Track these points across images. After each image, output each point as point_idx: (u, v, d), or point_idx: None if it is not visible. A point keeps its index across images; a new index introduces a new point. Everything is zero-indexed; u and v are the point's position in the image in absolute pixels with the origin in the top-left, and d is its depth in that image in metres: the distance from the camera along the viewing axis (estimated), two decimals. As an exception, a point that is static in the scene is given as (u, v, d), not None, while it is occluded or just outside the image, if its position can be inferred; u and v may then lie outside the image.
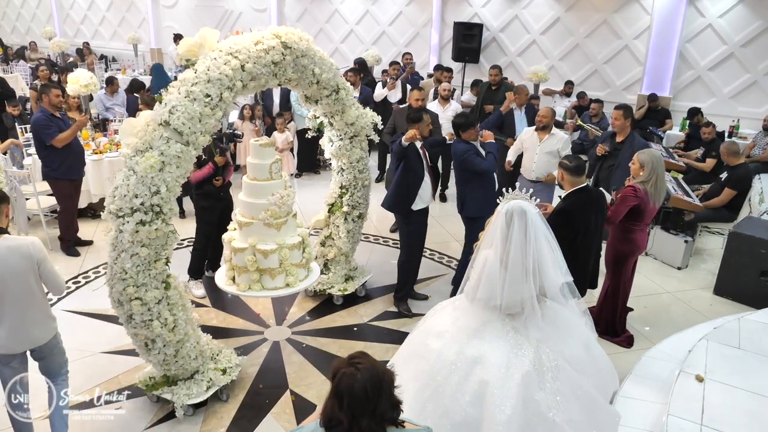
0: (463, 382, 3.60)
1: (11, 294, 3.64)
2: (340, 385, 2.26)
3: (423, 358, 3.84)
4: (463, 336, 3.77)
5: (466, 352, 3.68)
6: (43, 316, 3.84)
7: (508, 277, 3.67)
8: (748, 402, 4.04)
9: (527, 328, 3.71)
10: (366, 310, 6.12)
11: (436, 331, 3.94)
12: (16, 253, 3.61)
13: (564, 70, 12.77)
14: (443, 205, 9.11)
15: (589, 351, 3.96)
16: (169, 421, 4.45)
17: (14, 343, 3.75)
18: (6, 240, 3.63)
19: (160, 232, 3.94)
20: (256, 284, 4.96)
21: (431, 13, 14.08)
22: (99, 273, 6.66)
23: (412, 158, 5.69)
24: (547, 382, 3.56)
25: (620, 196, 5.23)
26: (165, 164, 3.86)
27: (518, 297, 3.69)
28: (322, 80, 5.09)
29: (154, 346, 4.22)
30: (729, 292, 6.54)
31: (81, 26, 20.28)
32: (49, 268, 3.74)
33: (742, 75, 10.99)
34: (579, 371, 3.71)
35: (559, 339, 3.75)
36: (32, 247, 3.65)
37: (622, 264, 5.46)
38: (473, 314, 3.84)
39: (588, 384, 3.72)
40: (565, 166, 4.98)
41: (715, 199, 7.49)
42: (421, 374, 3.74)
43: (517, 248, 3.63)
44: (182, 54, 4.22)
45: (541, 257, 3.69)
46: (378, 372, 2.29)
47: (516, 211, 3.66)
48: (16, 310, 3.68)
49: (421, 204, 5.86)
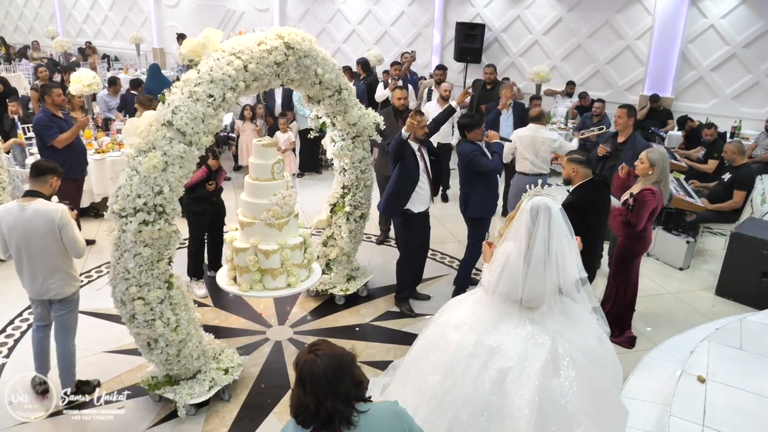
0: (482, 371, 3.64)
1: (33, 250, 4.22)
2: (302, 372, 2.34)
3: (442, 349, 3.88)
4: (481, 327, 3.82)
5: (485, 341, 3.73)
6: (62, 274, 4.34)
7: (530, 271, 3.71)
8: (749, 403, 4.05)
9: (544, 320, 3.77)
10: (368, 310, 6.13)
11: (453, 324, 3.99)
12: (42, 216, 4.16)
13: (566, 70, 12.76)
14: (444, 205, 9.10)
15: (603, 344, 3.99)
16: (171, 421, 4.46)
17: (33, 291, 4.39)
18: (38, 203, 4.20)
19: (163, 232, 3.95)
20: (258, 284, 4.96)
21: (433, 13, 14.08)
22: (102, 272, 6.68)
23: (407, 160, 5.68)
24: (562, 371, 3.60)
25: (640, 200, 5.18)
26: (168, 164, 3.87)
27: (538, 291, 3.74)
28: (324, 80, 5.09)
29: (157, 346, 4.24)
30: (731, 293, 6.54)
31: (83, 25, 20.32)
32: (70, 234, 4.21)
33: (744, 76, 10.98)
34: (594, 363, 3.74)
35: (575, 331, 3.80)
36: (56, 214, 4.17)
37: (631, 262, 5.49)
38: (492, 306, 3.89)
39: (602, 376, 3.75)
40: (578, 161, 5.06)
41: (728, 202, 7.46)
42: (441, 366, 3.79)
43: (541, 244, 3.68)
44: (185, 54, 4.23)
45: (562, 253, 3.75)
46: (336, 354, 2.39)
47: (542, 208, 3.71)
48: (36, 264, 4.27)
49: (420, 207, 5.85)
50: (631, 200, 5.25)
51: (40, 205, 4.19)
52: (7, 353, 5.22)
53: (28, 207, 4.18)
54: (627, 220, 5.20)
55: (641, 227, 5.20)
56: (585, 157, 5.08)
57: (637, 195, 5.26)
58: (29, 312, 5.78)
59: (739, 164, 7.50)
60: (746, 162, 7.67)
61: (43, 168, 4.38)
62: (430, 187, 5.88)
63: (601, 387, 3.69)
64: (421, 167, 5.76)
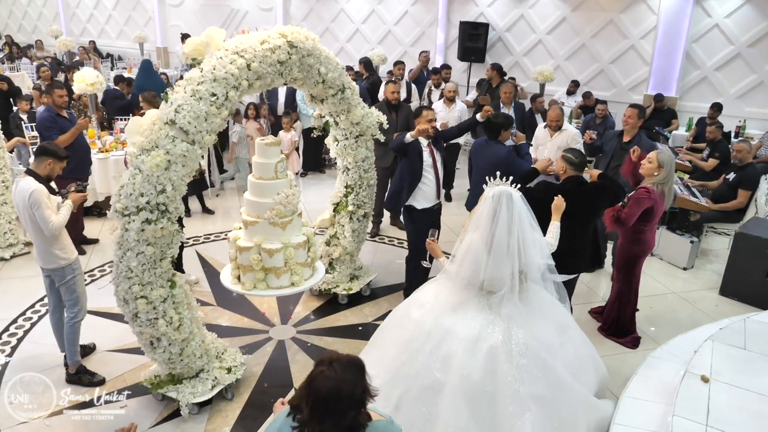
0: (435, 350, 3.88)
1: (24, 221, 4.60)
2: (312, 381, 2.34)
3: (403, 327, 4.16)
4: (440, 309, 4.06)
5: (441, 323, 3.97)
6: (44, 247, 4.59)
7: (492, 256, 3.87)
8: (753, 403, 4.03)
9: (500, 305, 3.93)
10: (371, 309, 6.13)
11: (417, 303, 4.25)
12: (20, 193, 4.47)
13: (570, 69, 12.74)
14: (447, 204, 9.07)
15: (563, 335, 4.12)
16: (174, 420, 4.46)
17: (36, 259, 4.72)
18: (24, 181, 4.49)
19: (166, 230, 3.95)
20: (261, 283, 4.96)
21: (437, 12, 14.06)
22: (105, 271, 6.68)
23: (411, 156, 5.67)
24: (515, 357, 3.79)
25: (634, 198, 5.15)
26: (171, 163, 3.87)
27: (499, 274, 3.89)
28: (327, 79, 5.09)
29: (160, 345, 4.24)
30: (735, 293, 6.53)
31: (87, 25, 20.36)
32: (38, 214, 4.42)
33: (748, 75, 10.96)
34: (548, 352, 3.91)
35: (531, 319, 3.97)
36: (27, 192, 4.41)
37: (633, 265, 5.44)
38: (453, 290, 4.10)
39: (557, 365, 3.90)
40: (570, 161, 5.04)
41: (733, 202, 7.42)
42: (400, 340, 4.07)
43: (503, 229, 3.84)
44: (188, 53, 4.23)
45: (524, 238, 3.90)
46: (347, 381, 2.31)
47: (504, 194, 3.87)
48: (30, 234, 4.65)
49: (424, 203, 5.82)
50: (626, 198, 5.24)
51: (23, 183, 4.50)
52: (9, 352, 5.23)
53: (19, 183, 4.53)
54: (617, 215, 5.17)
55: (631, 224, 5.15)
56: (578, 160, 5.03)
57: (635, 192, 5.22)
58: (32, 311, 5.81)
59: (743, 164, 7.47)
60: (751, 162, 7.65)
61: (43, 149, 4.67)
62: (436, 185, 5.83)
63: (555, 376, 3.86)
64: (428, 163, 5.72)
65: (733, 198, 7.42)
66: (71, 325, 4.77)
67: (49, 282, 4.78)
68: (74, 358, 4.83)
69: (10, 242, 6.97)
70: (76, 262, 4.77)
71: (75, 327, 4.79)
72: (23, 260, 6.92)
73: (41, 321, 5.65)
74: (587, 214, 5.02)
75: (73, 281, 4.72)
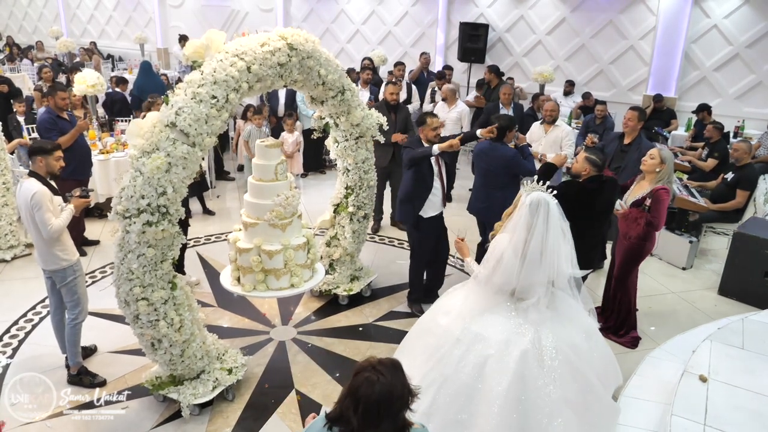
0: (465, 355, 3.84)
1: (25, 221, 4.64)
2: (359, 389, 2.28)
3: (432, 333, 4.11)
4: (469, 314, 4.01)
5: (470, 328, 3.92)
6: (43, 249, 4.61)
7: (526, 264, 3.83)
8: (751, 402, 4.05)
9: (528, 312, 3.90)
10: (371, 310, 6.14)
11: (444, 310, 4.20)
12: (23, 194, 4.50)
13: (570, 70, 12.75)
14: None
15: (590, 340, 4.08)
16: (175, 421, 4.47)
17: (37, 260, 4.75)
18: (27, 183, 4.53)
19: (167, 232, 3.97)
20: (261, 285, 4.98)
21: (437, 13, 14.07)
22: (106, 273, 6.70)
23: (425, 168, 5.66)
24: (546, 361, 3.75)
25: (656, 199, 5.19)
26: (171, 165, 3.89)
27: (532, 282, 3.87)
28: (327, 81, 5.11)
29: (161, 346, 4.26)
30: (733, 293, 6.54)
31: (88, 26, 20.36)
32: (38, 216, 4.45)
33: (747, 76, 10.98)
34: (579, 357, 3.87)
35: (560, 324, 3.93)
36: (30, 195, 4.44)
37: (638, 261, 5.53)
38: (482, 295, 4.05)
39: (586, 369, 3.87)
40: (593, 162, 5.08)
41: (731, 202, 7.45)
42: (429, 347, 4.01)
43: (539, 238, 3.81)
44: (189, 56, 4.25)
45: (557, 248, 3.87)
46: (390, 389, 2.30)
47: (541, 203, 3.82)
48: (32, 235, 4.65)
49: (431, 212, 5.83)
50: (648, 201, 5.24)
51: (27, 184, 4.53)
52: (11, 353, 5.25)
53: (23, 184, 4.56)
54: (649, 221, 5.22)
55: (661, 226, 5.28)
56: (601, 162, 5.10)
57: (654, 194, 5.22)
58: (33, 313, 5.83)
59: (742, 164, 7.49)
60: (750, 162, 7.66)
61: (30, 151, 4.74)
62: (442, 193, 5.87)
63: (585, 380, 3.83)
64: (435, 173, 5.73)
65: (731, 198, 7.44)
66: (72, 327, 4.79)
67: (51, 283, 4.79)
68: (75, 360, 4.85)
69: (11, 244, 6.99)
70: (78, 263, 4.78)
71: (76, 328, 4.80)
72: (24, 262, 6.93)
73: (42, 322, 5.66)
74: (608, 208, 5.23)
75: (74, 282, 4.73)
